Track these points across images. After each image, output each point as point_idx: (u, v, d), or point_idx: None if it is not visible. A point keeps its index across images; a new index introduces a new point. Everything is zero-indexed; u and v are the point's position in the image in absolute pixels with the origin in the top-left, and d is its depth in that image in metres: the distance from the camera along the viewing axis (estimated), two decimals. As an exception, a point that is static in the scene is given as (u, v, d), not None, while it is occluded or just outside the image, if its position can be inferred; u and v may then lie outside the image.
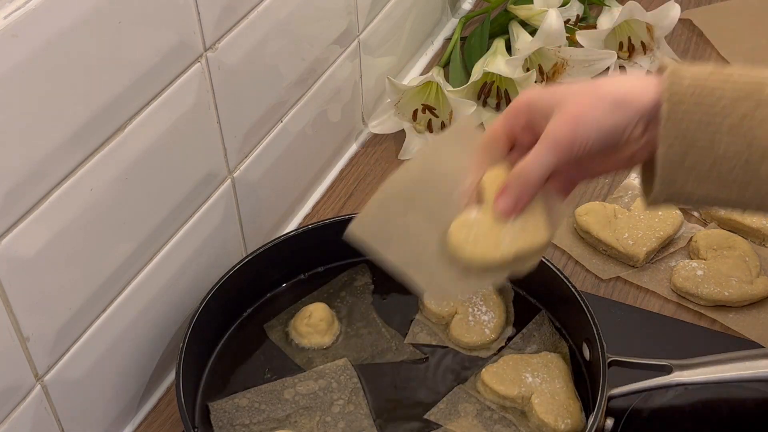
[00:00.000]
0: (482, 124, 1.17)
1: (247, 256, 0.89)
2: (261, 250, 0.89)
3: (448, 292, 0.71)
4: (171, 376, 0.91)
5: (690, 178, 0.65)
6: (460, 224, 0.70)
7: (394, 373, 0.86)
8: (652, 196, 0.67)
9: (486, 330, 0.86)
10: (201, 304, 0.84)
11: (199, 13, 0.79)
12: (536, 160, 0.67)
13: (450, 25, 1.34)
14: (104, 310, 0.79)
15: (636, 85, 0.66)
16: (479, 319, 0.86)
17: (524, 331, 0.87)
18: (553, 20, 1.13)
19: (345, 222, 0.91)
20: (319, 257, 0.93)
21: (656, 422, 0.84)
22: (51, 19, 0.64)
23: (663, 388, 0.81)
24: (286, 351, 0.87)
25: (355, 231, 0.72)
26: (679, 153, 0.65)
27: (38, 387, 0.74)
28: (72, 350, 0.76)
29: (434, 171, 0.72)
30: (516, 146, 0.71)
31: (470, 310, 0.87)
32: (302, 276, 0.93)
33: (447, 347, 0.87)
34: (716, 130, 0.64)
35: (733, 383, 0.83)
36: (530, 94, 0.70)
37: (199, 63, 0.81)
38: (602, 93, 0.66)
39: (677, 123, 0.64)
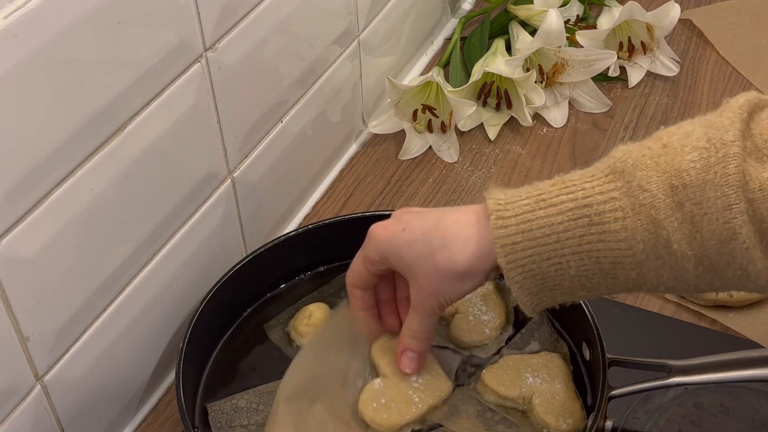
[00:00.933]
0: (482, 124, 1.17)
1: (247, 256, 0.89)
2: (261, 250, 0.89)
3: None
4: (171, 376, 0.91)
5: (556, 294, 0.67)
6: (368, 397, 0.77)
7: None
8: (527, 311, 0.69)
9: (486, 330, 0.86)
10: (201, 304, 0.84)
11: (199, 13, 0.79)
12: (420, 323, 0.74)
13: (450, 25, 1.34)
14: (104, 310, 0.79)
15: (468, 252, 0.67)
16: (479, 319, 0.86)
17: (524, 331, 0.86)
18: (553, 20, 1.13)
19: (345, 222, 0.92)
20: (319, 257, 0.93)
21: (656, 422, 0.84)
22: (51, 19, 0.64)
23: (663, 388, 0.81)
24: (286, 351, 0.87)
25: None
26: (533, 285, 0.66)
27: (38, 387, 0.74)
28: (72, 350, 0.76)
29: (324, 360, 0.80)
30: (381, 278, 0.77)
31: (470, 309, 0.87)
32: (303, 276, 0.93)
33: (447, 347, 0.87)
34: (559, 259, 0.64)
35: (734, 383, 0.83)
36: (380, 248, 0.72)
37: (199, 63, 0.81)
38: (443, 272, 0.68)
39: (519, 267, 0.65)
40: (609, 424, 0.79)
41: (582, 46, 1.18)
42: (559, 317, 0.87)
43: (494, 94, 1.16)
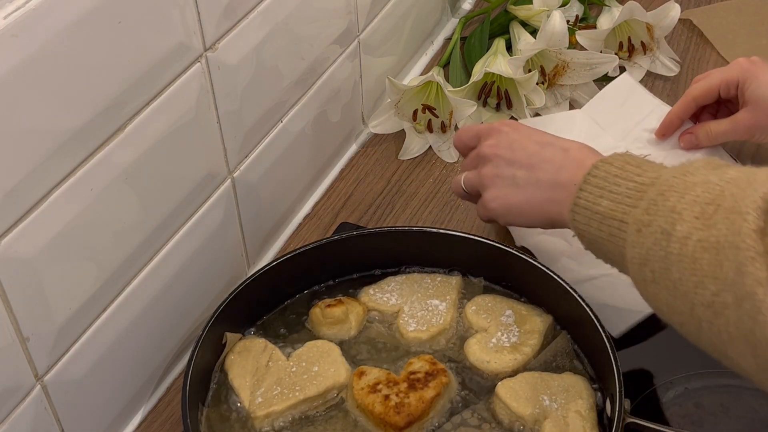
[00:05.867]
0: (482, 123, 1.17)
1: (264, 267, 0.87)
2: (277, 261, 0.87)
3: None
4: (171, 377, 0.91)
5: None
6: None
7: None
8: None
9: (495, 362, 0.82)
10: (213, 315, 0.83)
11: (199, 13, 0.79)
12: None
13: (450, 25, 1.34)
14: (104, 310, 0.79)
15: None
16: (500, 345, 0.83)
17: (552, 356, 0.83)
18: (556, 22, 1.12)
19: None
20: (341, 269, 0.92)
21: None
22: (51, 19, 0.64)
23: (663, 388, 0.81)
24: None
25: None
26: None
27: (38, 387, 0.74)
28: (72, 350, 0.76)
29: None
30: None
31: (499, 332, 0.84)
32: (317, 287, 0.91)
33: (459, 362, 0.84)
34: None
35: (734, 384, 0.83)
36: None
37: (199, 63, 0.81)
38: None
39: None
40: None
41: (582, 46, 1.18)
42: (592, 363, 0.83)
43: (494, 94, 1.16)
